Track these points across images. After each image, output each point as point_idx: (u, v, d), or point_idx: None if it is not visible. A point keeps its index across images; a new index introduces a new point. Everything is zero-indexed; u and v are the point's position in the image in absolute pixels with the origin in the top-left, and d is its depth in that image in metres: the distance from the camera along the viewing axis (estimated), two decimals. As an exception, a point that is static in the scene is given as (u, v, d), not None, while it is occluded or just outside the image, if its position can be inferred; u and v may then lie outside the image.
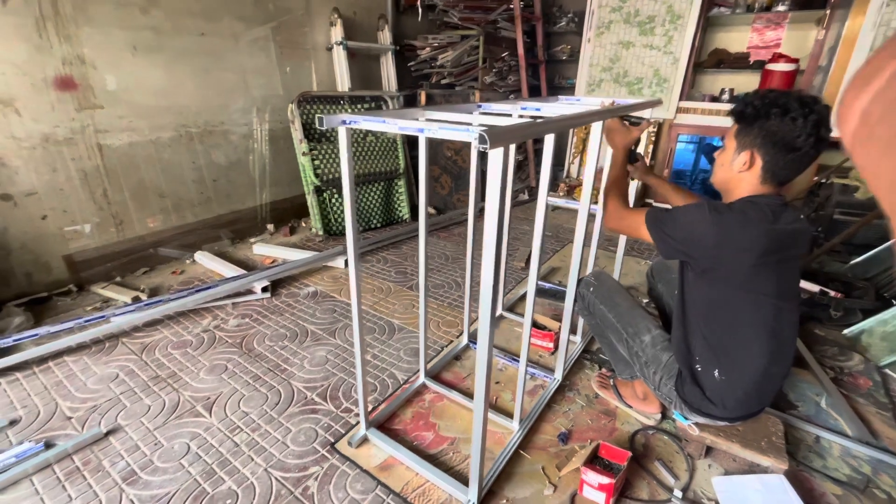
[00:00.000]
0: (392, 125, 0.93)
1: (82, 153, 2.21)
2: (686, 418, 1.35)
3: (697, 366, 1.23)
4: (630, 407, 1.55)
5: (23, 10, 1.92)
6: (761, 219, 1.05)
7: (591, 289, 1.52)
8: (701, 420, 1.31)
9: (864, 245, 2.62)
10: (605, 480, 1.18)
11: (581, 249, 1.46)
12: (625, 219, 1.26)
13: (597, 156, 1.32)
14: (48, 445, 1.37)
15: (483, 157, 0.81)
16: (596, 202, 1.65)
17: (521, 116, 1.47)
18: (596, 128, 1.29)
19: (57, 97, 2.09)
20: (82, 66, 2.15)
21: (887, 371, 1.84)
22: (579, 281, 1.58)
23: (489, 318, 0.92)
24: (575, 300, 1.56)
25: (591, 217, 1.58)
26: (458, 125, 0.88)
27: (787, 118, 1.01)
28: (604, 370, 1.75)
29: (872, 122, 0.25)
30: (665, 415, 1.53)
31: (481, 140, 0.73)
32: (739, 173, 1.12)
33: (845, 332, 2.07)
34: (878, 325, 1.94)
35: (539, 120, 0.96)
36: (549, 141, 1.11)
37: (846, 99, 0.27)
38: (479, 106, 1.51)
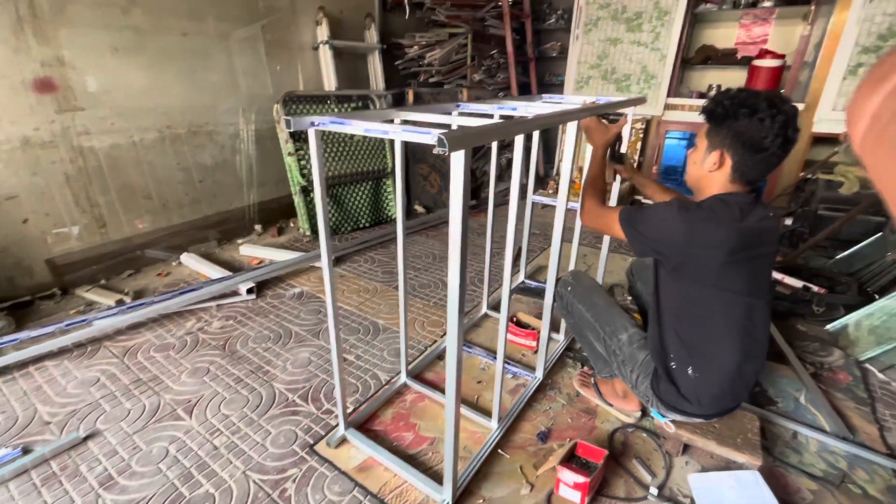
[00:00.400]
0: (357, 127, 0.93)
1: (63, 155, 2.20)
2: (663, 416, 1.36)
3: (672, 363, 1.23)
4: (610, 405, 1.56)
5: (-2, 12, 1.91)
6: (730, 217, 1.06)
7: (569, 288, 1.53)
8: (677, 417, 1.32)
9: (849, 241, 2.64)
10: (581, 479, 1.19)
11: (559, 246, 1.46)
12: (601, 217, 1.26)
13: (573, 155, 1.31)
14: (26, 451, 1.37)
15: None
16: (576, 199, 1.65)
17: (502, 117, 1.46)
18: (571, 127, 1.29)
19: (36, 99, 2.08)
20: (62, 68, 2.13)
21: (867, 366, 1.85)
22: (557, 280, 1.58)
23: (457, 320, 0.92)
24: (554, 299, 1.56)
25: (573, 214, 1.59)
26: (423, 127, 0.88)
27: (755, 119, 1.01)
28: (585, 368, 1.76)
29: (882, 124, 0.25)
30: (645, 412, 1.54)
31: (440, 143, 0.73)
32: (710, 172, 1.13)
33: (828, 327, 2.09)
34: (865, 319, 1.95)
35: (502, 122, 0.95)
36: (519, 141, 1.10)
37: (857, 99, 0.27)
38: (458, 106, 1.51)
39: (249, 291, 2.31)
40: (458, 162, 0.78)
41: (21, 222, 2.13)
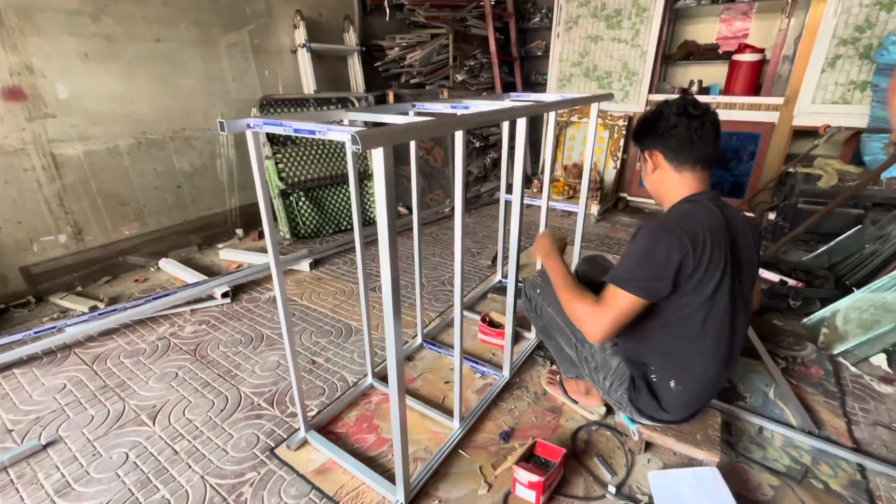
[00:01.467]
0: (288, 128, 0.93)
1: (35, 163, 2.20)
2: (633, 421, 1.34)
3: (653, 376, 1.22)
4: (575, 402, 1.55)
5: (-37, 21, 1.91)
6: (707, 213, 1.09)
7: (538, 290, 1.49)
8: (648, 423, 1.31)
9: (831, 234, 2.62)
10: (535, 478, 1.18)
11: (518, 244, 1.45)
12: (608, 306, 1.08)
13: (523, 151, 1.30)
14: (-16, 459, 1.36)
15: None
16: (535, 190, 1.64)
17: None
18: (521, 124, 1.28)
19: (5, 107, 2.08)
20: (31, 76, 2.13)
21: (840, 359, 1.84)
22: (524, 280, 1.57)
23: (392, 323, 0.91)
24: (521, 300, 1.55)
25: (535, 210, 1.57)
26: (344, 126, 0.88)
27: (656, 112, 1.17)
28: (553, 367, 1.74)
29: None
30: (610, 409, 1.52)
31: (353, 141, 0.72)
32: (655, 175, 1.20)
33: (804, 321, 2.08)
34: (836, 315, 1.93)
35: (422, 120, 0.95)
36: (459, 137, 1.10)
37: None
38: (415, 106, 1.50)
39: (224, 295, 2.31)
40: (378, 160, 0.78)
41: (-7, 231, 2.13)
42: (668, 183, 1.18)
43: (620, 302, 1.07)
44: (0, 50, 2.02)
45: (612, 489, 1.25)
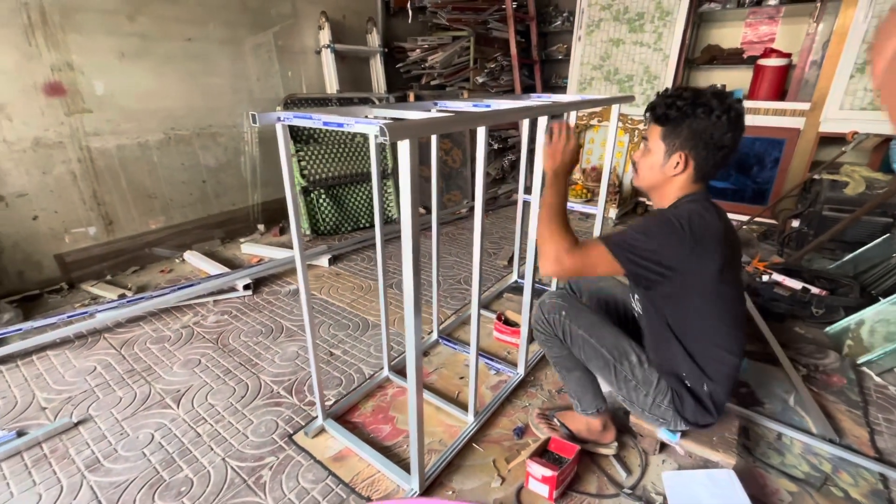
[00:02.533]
0: (317, 121, 0.96)
1: (72, 156, 2.30)
2: (674, 434, 1.29)
3: (687, 382, 1.19)
4: (585, 442, 1.38)
5: (10, 19, 2.01)
6: (714, 216, 1.07)
7: (563, 312, 1.27)
8: (688, 429, 1.27)
9: (856, 242, 2.56)
10: (549, 473, 1.19)
11: (536, 245, 1.46)
12: (580, 256, 1.02)
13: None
14: (20, 434, 1.43)
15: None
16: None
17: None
18: (525, 128, 1.29)
19: (46, 102, 2.18)
20: (70, 72, 2.23)
21: (864, 369, 1.80)
22: (540, 302, 1.35)
23: (413, 314, 0.94)
24: (538, 329, 1.36)
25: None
26: (371, 119, 0.91)
27: (712, 116, 1.01)
28: (537, 409, 1.52)
29: None
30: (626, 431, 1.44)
31: (381, 132, 0.75)
32: (674, 176, 1.10)
33: (827, 329, 2.03)
34: (862, 324, 1.88)
35: (447, 115, 0.97)
36: (482, 134, 1.12)
37: (882, 33, 0.28)
38: (436, 104, 1.53)
39: (246, 288, 2.37)
40: (403, 152, 0.80)
41: (31, 219, 2.23)
42: (678, 183, 1.11)
43: (597, 258, 1.02)
44: (44, 47, 2.12)
45: (627, 489, 1.25)
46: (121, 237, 2.56)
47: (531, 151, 1.92)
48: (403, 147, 0.80)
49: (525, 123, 2.12)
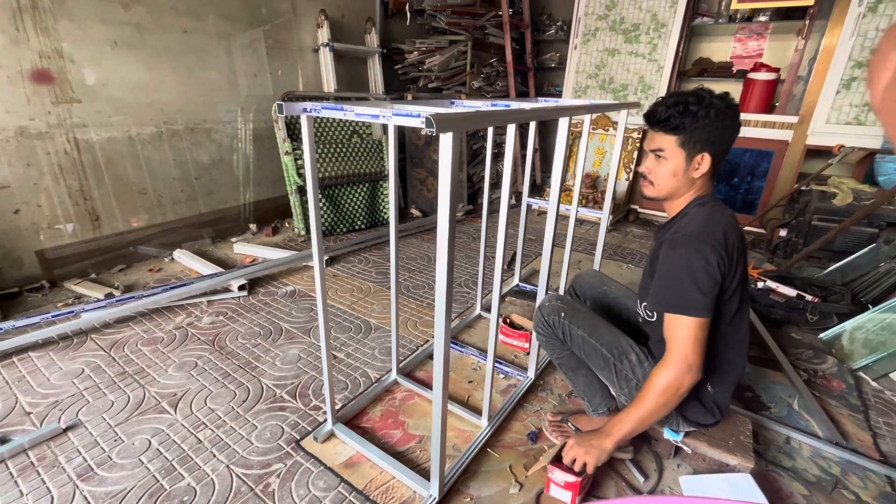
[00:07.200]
0: (350, 113, 0.93)
1: (58, 147, 2.19)
2: (677, 433, 1.32)
3: None
4: None
5: (-1, 1, 1.91)
6: (725, 215, 1.10)
7: (562, 314, 1.31)
8: (691, 430, 1.30)
9: (843, 251, 2.65)
10: (572, 478, 1.17)
11: (550, 250, 1.45)
12: (685, 350, 1.04)
13: (563, 154, 1.31)
14: (3, 441, 1.34)
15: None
16: (566, 202, 1.64)
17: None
18: (563, 123, 1.29)
19: (33, 90, 2.07)
20: (60, 60, 2.13)
21: (860, 374, 1.85)
22: (540, 306, 1.37)
23: (444, 313, 0.91)
24: (539, 331, 1.38)
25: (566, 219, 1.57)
26: (410, 111, 0.88)
27: (721, 113, 1.07)
28: (549, 414, 1.51)
29: None
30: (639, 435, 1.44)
31: (428, 124, 0.72)
32: (698, 178, 1.15)
33: (821, 335, 2.08)
34: (856, 331, 1.94)
35: (493, 109, 0.95)
36: (511, 130, 1.10)
37: (882, 49, 0.26)
38: (454, 103, 1.51)
39: (241, 288, 2.29)
40: (446, 145, 0.78)
41: (12, 213, 2.11)
42: (697, 184, 1.16)
43: (692, 330, 1.03)
44: (32, 32, 2.02)
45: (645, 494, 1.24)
46: (108, 234, 2.45)
47: (522, 157, 1.94)
48: (446, 140, 0.77)
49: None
